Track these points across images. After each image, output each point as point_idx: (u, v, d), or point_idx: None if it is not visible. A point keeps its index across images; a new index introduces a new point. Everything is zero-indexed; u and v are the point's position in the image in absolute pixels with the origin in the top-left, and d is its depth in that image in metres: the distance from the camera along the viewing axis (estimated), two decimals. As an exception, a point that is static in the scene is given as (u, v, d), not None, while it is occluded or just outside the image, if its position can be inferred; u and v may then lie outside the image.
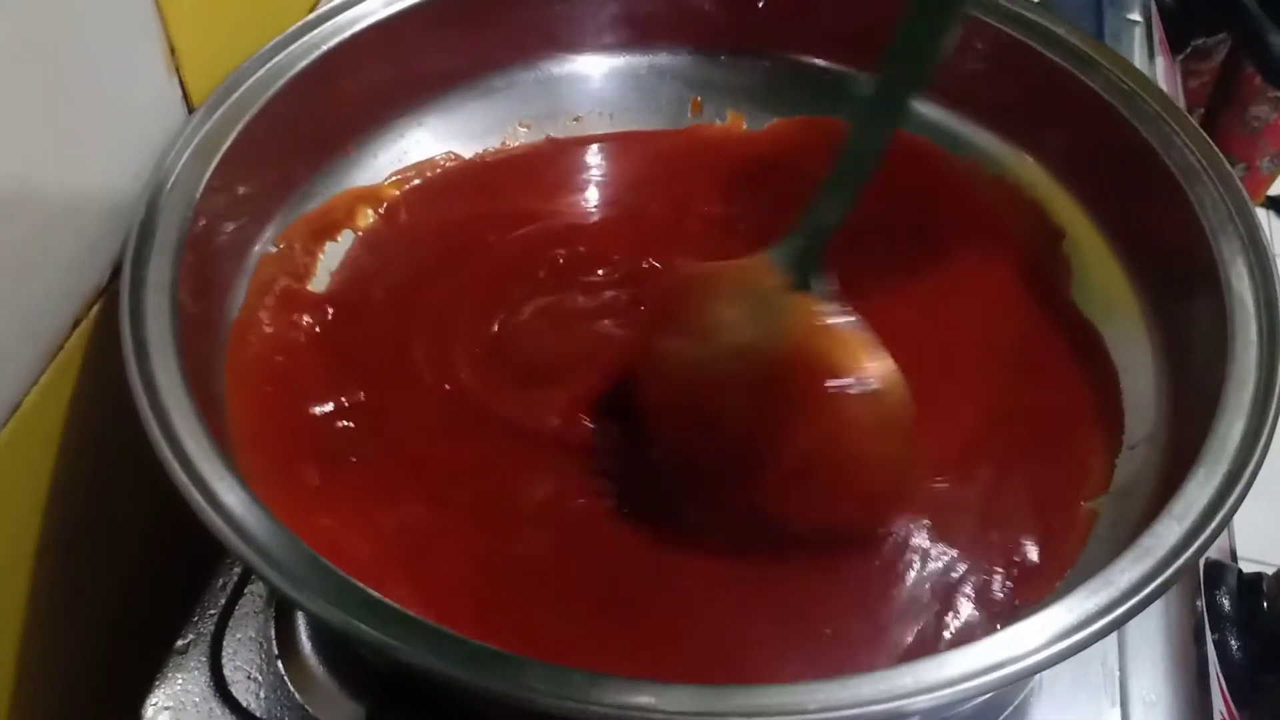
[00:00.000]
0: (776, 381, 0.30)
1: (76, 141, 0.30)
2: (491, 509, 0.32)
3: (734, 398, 0.31)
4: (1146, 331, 0.35)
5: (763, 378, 0.30)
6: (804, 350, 0.30)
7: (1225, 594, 0.37)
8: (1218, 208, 0.33)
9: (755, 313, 0.31)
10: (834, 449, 0.30)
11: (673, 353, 0.32)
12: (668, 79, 0.43)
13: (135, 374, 0.27)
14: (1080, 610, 0.24)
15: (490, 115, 0.42)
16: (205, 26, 0.34)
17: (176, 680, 0.31)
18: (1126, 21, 0.56)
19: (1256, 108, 0.90)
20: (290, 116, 0.35)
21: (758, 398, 0.30)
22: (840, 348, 0.30)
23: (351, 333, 0.36)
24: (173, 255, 0.30)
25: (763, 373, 0.30)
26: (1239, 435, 0.28)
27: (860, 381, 0.29)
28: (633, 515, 0.32)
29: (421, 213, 0.40)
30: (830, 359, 0.30)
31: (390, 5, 0.38)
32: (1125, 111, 0.36)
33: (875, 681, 0.23)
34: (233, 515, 0.25)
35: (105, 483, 0.34)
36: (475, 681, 0.23)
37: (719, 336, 0.31)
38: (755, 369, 0.30)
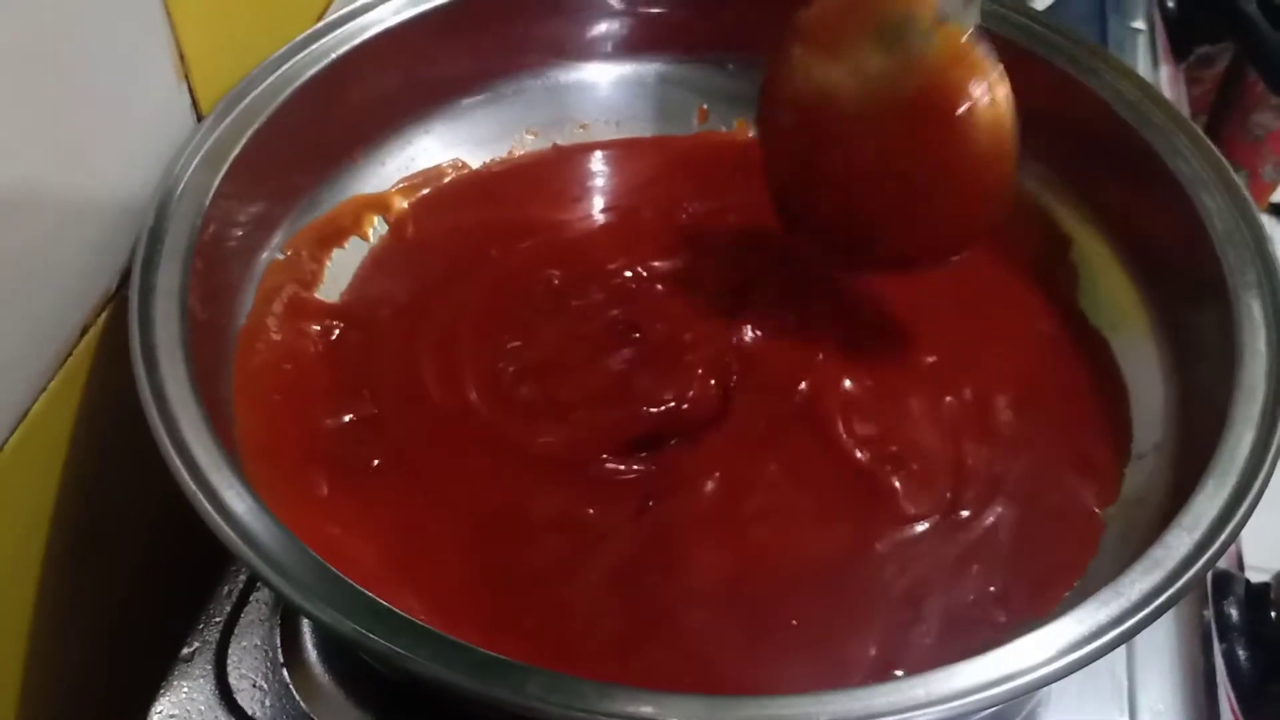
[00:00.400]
0: (912, 102, 0.33)
1: (86, 148, 0.30)
2: (499, 520, 0.32)
3: (870, 107, 0.33)
4: (1154, 340, 0.35)
5: (901, 96, 0.33)
6: (944, 76, 0.32)
7: (1233, 604, 0.37)
8: (1225, 216, 0.33)
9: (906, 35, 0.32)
10: (947, 166, 0.33)
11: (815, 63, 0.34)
12: (674, 87, 0.44)
13: (144, 381, 0.27)
14: (1092, 621, 0.24)
15: (497, 122, 0.42)
16: (214, 34, 0.34)
17: (182, 688, 0.31)
18: (1130, 30, 0.56)
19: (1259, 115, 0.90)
20: (298, 124, 0.35)
21: (892, 112, 0.33)
22: (972, 78, 0.32)
23: (359, 342, 0.36)
24: (182, 262, 0.30)
25: (902, 91, 0.33)
26: (1248, 446, 0.28)
27: (983, 109, 0.32)
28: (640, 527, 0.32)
29: (428, 221, 0.40)
30: (964, 88, 0.32)
31: (398, 13, 0.38)
32: (1131, 120, 0.36)
33: (886, 692, 0.23)
34: (241, 523, 0.25)
35: (112, 489, 0.34)
36: (482, 691, 0.23)
37: (866, 53, 0.33)
38: (897, 87, 0.33)
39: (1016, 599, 0.31)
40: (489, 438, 0.33)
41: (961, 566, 0.31)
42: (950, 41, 0.32)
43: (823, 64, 0.34)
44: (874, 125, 0.34)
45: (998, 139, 0.32)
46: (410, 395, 0.35)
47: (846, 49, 0.34)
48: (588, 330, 0.36)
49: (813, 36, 0.35)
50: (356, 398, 0.34)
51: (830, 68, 0.34)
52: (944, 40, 0.32)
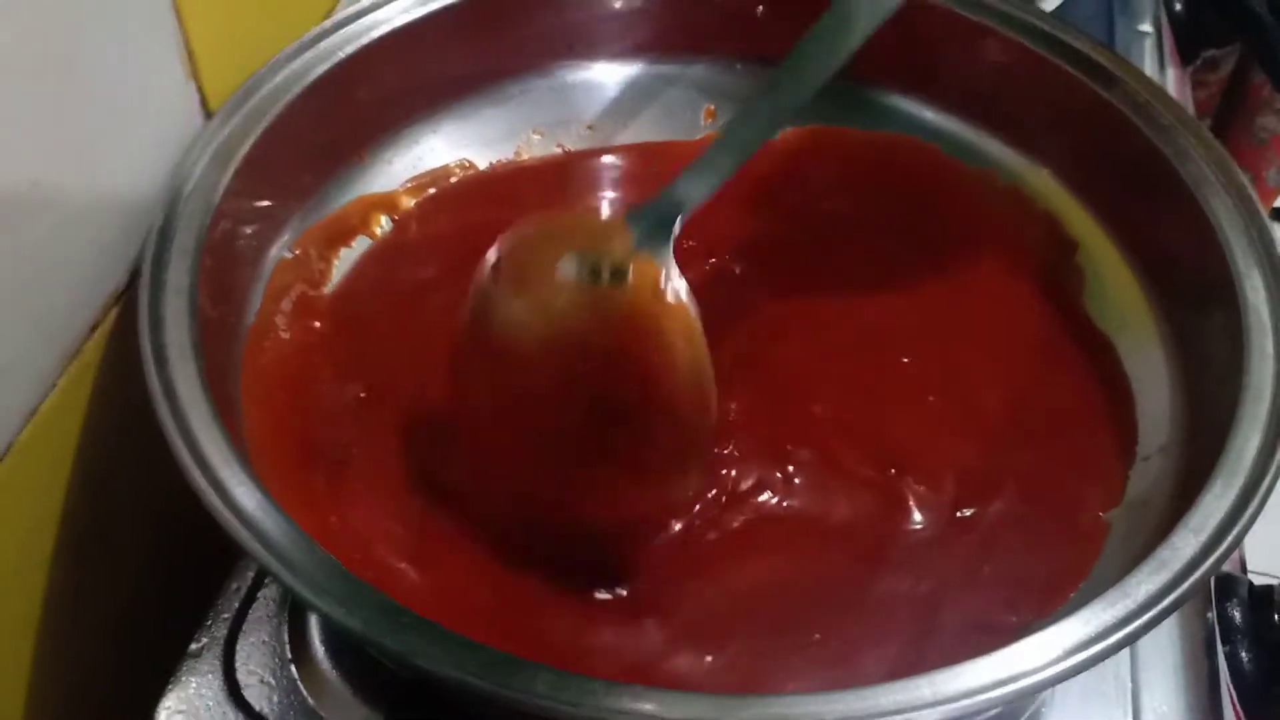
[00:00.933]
0: (602, 342, 0.29)
1: (94, 146, 0.30)
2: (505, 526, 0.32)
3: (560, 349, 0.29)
4: (1160, 343, 0.35)
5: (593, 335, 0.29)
6: (638, 318, 0.29)
7: (1236, 606, 0.37)
8: (1233, 219, 0.33)
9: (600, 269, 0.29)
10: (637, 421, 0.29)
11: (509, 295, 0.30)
12: (681, 87, 0.44)
13: (154, 379, 0.28)
14: (1098, 622, 0.24)
15: (504, 122, 0.42)
16: (223, 32, 0.34)
17: (190, 684, 0.31)
18: (1137, 33, 0.56)
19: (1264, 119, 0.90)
20: (307, 122, 0.35)
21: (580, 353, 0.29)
22: (670, 325, 0.29)
23: (366, 341, 0.36)
24: (191, 260, 0.30)
25: (594, 330, 0.29)
26: (1255, 448, 0.28)
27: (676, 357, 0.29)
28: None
29: (435, 221, 0.40)
30: (657, 332, 0.29)
31: (406, 12, 0.38)
32: (1139, 122, 0.36)
33: (893, 692, 0.23)
34: (251, 519, 0.25)
35: (121, 486, 0.34)
36: (491, 688, 0.23)
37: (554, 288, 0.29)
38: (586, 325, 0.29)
39: (1024, 602, 0.31)
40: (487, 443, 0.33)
41: (969, 570, 0.32)
42: (647, 277, 0.29)
43: (526, 287, 0.30)
44: (568, 368, 0.29)
45: (697, 380, 0.29)
46: (415, 392, 0.35)
47: (537, 285, 0.30)
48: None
49: (514, 260, 0.30)
50: (363, 396, 0.34)
51: (534, 290, 0.30)
52: (639, 274, 0.29)
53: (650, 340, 0.29)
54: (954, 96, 0.41)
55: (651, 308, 0.29)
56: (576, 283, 0.29)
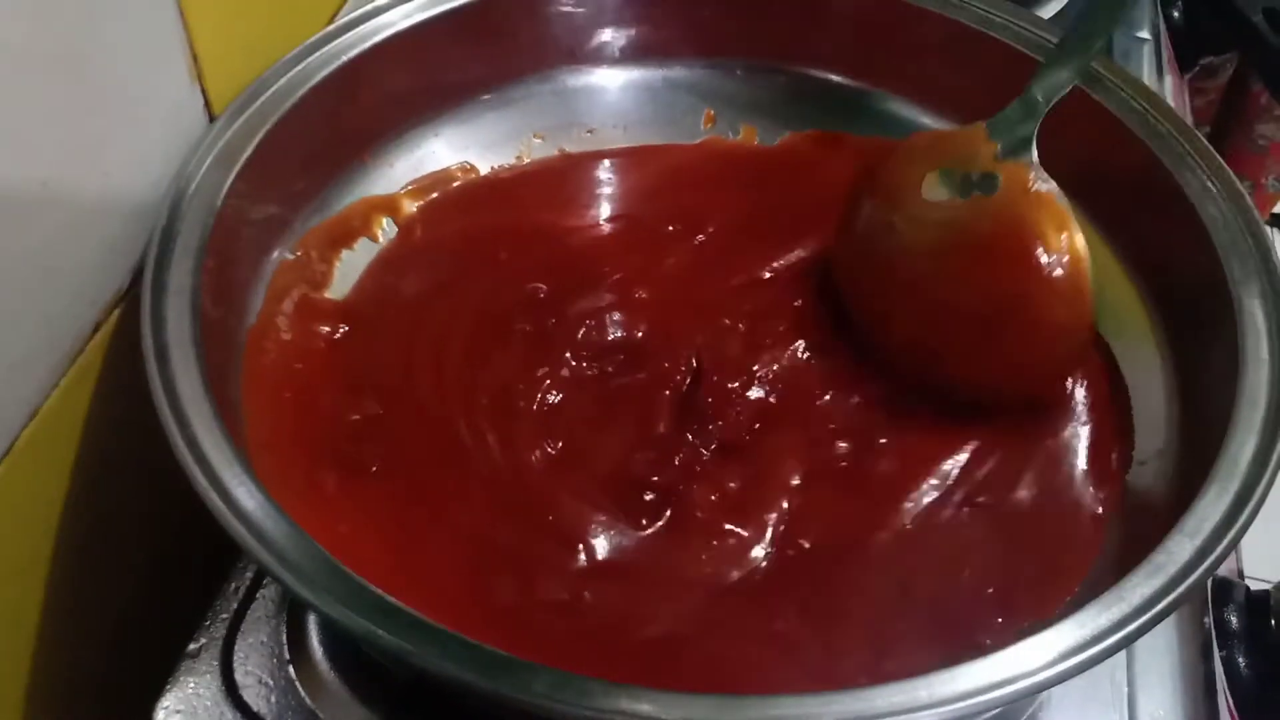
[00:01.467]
0: (984, 245, 0.33)
1: (99, 148, 0.30)
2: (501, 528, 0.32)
3: (942, 257, 0.34)
4: (1157, 348, 0.35)
5: (973, 240, 0.33)
6: (1013, 216, 0.33)
7: (1233, 611, 0.37)
8: (1229, 226, 0.33)
9: (972, 179, 0.33)
10: (1024, 310, 0.33)
11: (882, 214, 0.35)
12: (682, 92, 0.44)
13: (156, 379, 0.28)
14: (1093, 625, 0.25)
15: (505, 126, 0.42)
16: (228, 36, 0.35)
17: (188, 684, 0.31)
18: (1135, 40, 0.56)
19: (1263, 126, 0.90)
20: (309, 125, 0.36)
21: (963, 259, 0.33)
22: (1045, 218, 0.32)
23: (367, 344, 0.36)
24: (194, 261, 0.31)
25: (974, 236, 0.33)
26: (1251, 453, 0.28)
27: (1056, 248, 0.32)
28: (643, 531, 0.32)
29: (436, 224, 0.40)
30: (1036, 227, 0.32)
31: (409, 17, 0.38)
32: (1137, 130, 0.36)
33: (890, 694, 0.23)
34: (251, 519, 0.25)
35: (121, 486, 0.34)
36: (489, 688, 0.23)
37: (932, 200, 0.34)
38: (968, 233, 0.33)
39: (1016, 604, 0.31)
40: (484, 450, 0.33)
41: (961, 571, 0.32)
42: (1018, 179, 0.33)
43: (898, 205, 0.35)
44: (951, 260, 0.34)
45: (1074, 276, 0.32)
46: (415, 395, 0.35)
47: (915, 194, 0.34)
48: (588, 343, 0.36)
49: (884, 184, 0.36)
50: (363, 399, 0.34)
51: (906, 208, 0.35)
52: (1010, 179, 0.33)
53: (1029, 234, 0.32)
54: (951, 102, 0.42)
55: (1024, 207, 0.32)
56: (954, 194, 0.33)
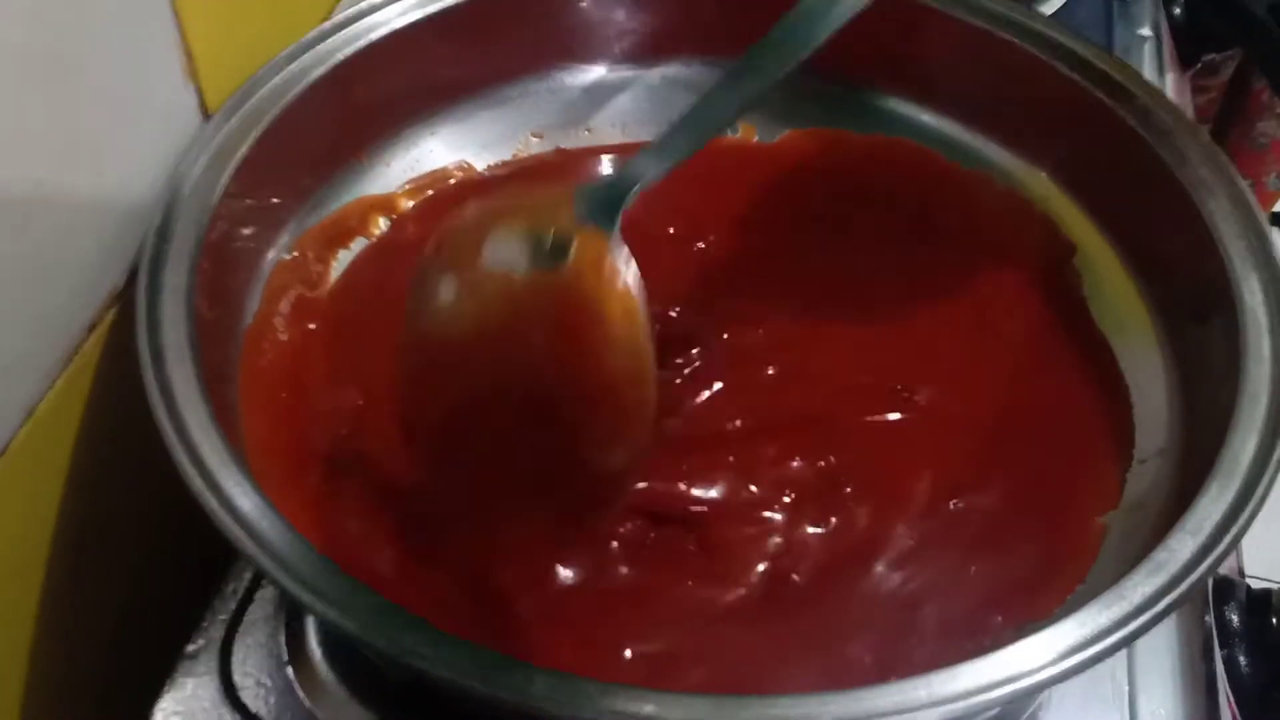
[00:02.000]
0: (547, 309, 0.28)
1: (93, 147, 0.30)
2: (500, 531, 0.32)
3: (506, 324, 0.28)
4: (1158, 346, 0.35)
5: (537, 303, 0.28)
6: (580, 286, 0.28)
7: (1234, 610, 0.37)
8: (1230, 223, 0.33)
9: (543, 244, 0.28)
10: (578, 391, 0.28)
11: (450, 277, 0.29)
12: (680, 90, 0.44)
13: (152, 379, 0.28)
14: (1094, 624, 0.24)
15: (503, 125, 0.42)
16: (222, 34, 0.35)
17: (186, 686, 0.31)
18: (1137, 36, 0.56)
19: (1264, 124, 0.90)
20: (305, 124, 0.35)
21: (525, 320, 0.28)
22: (612, 293, 0.28)
23: (364, 344, 0.36)
24: (189, 261, 0.30)
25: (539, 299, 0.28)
26: (1252, 451, 0.28)
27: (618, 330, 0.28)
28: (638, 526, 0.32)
29: (432, 224, 0.40)
30: (598, 310, 0.28)
31: (405, 15, 0.38)
32: (1138, 126, 0.36)
33: (889, 693, 0.23)
34: (248, 521, 0.25)
35: (117, 487, 0.34)
36: (488, 690, 0.23)
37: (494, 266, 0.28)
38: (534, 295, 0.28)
39: (1014, 603, 0.31)
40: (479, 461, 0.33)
41: (959, 570, 0.32)
42: (591, 249, 0.28)
43: (458, 266, 0.29)
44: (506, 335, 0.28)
45: (637, 355, 0.28)
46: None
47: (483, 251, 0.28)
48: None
49: (450, 242, 0.30)
50: (360, 399, 0.34)
51: (466, 270, 0.29)
52: (583, 247, 0.28)
53: (590, 319, 0.28)
54: (952, 100, 0.42)
55: (593, 285, 0.28)
56: (518, 259, 0.28)
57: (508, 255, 0.28)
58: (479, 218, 0.30)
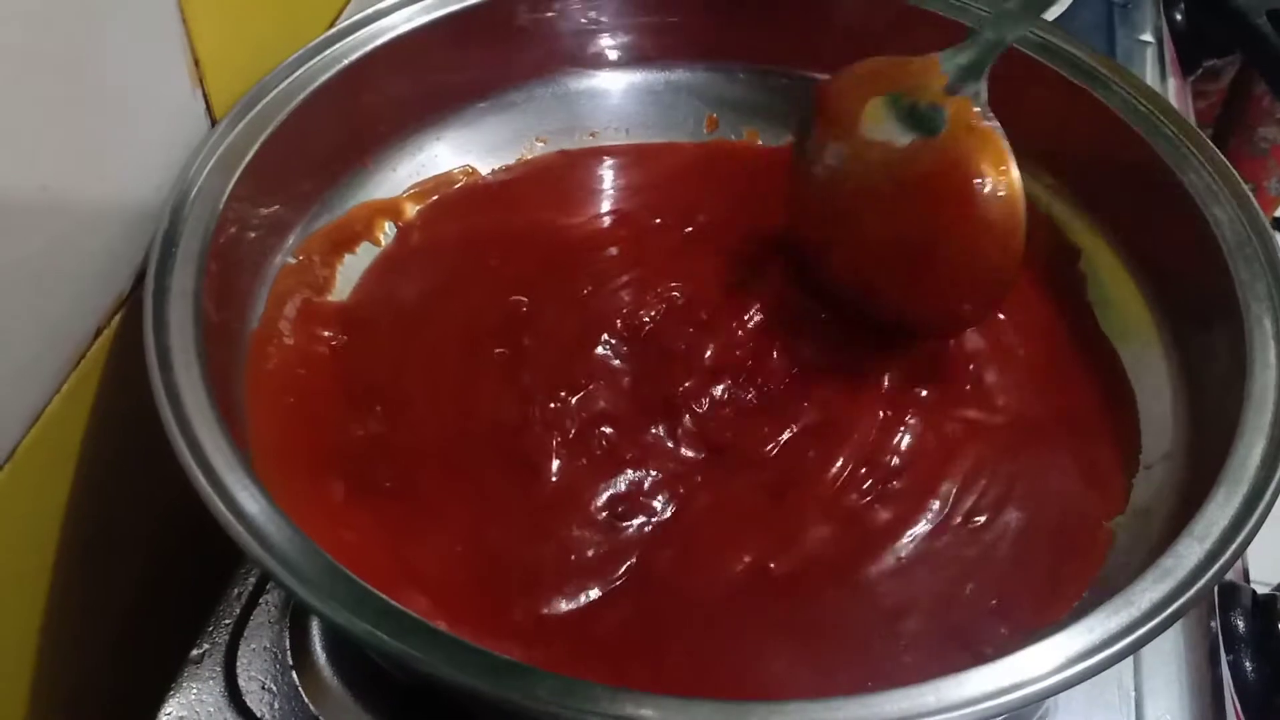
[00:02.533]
0: (927, 174, 0.33)
1: (101, 152, 0.30)
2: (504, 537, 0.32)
3: (886, 178, 0.34)
4: (1163, 351, 0.35)
5: (917, 168, 0.33)
6: (954, 153, 0.33)
7: (1240, 615, 0.37)
8: (1235, 229, 0.33)
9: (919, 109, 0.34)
10: (958, 245, 0.33)
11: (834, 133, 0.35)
12: (684, 95, 0.44)
13: (159, 383, 0.28)
14: (1102, 630, 0.24)
15: (508, 130, 0.42)
16: (229, 40, 0.35)
17: (191, 690, 0.31)
18: (1138, 42, 0.56)
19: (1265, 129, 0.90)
20: (311, 129, 0.36)
21: (902, 191, 0.34)
22: (985, 155, 0.32)
23: (369, 349, 0.36)
24: (196, 265, 0.30)
25: (918, 163, 0.33)
26: (1259, 456, 0.28)
27: (994, 184, 0.32)
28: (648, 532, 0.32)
29: (438, 228, 0.40)
30: (975, 164, 0.32)
31: (411, 21, 0.38)
32: (1142, 132, 0.36)
33: (897, 699, 0.23)
34: (254, 524, 0.25)
35: (123, 490, 0.34)
36: (494, 693, 0.23)
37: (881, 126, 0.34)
38: (912, 159, 0.33)
39: (1021, 610, 0.31)
40: (485, 461, 0.33)
41: (966, 577, 0.31)
42: (962, 115, 0.33)
43: (841, 134, 0.35)
44: (889, 196, 0.34)
45: (1009, 213, 0.32)
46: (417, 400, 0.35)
47: (862, 121, 0.34)
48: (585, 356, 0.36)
49: (830, 108, 0.36)
50: (364, 405, 0.34)
51: (847, 139, 0.35)
52: (955, 113, 0.33)
53: (968, 171, 0.32)
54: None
55: (967, 145, 0.33)
56: (896, 130, 0.34)
57: (888, 124, 0.34)
58: (855, 85, 0.35)
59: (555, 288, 0.38)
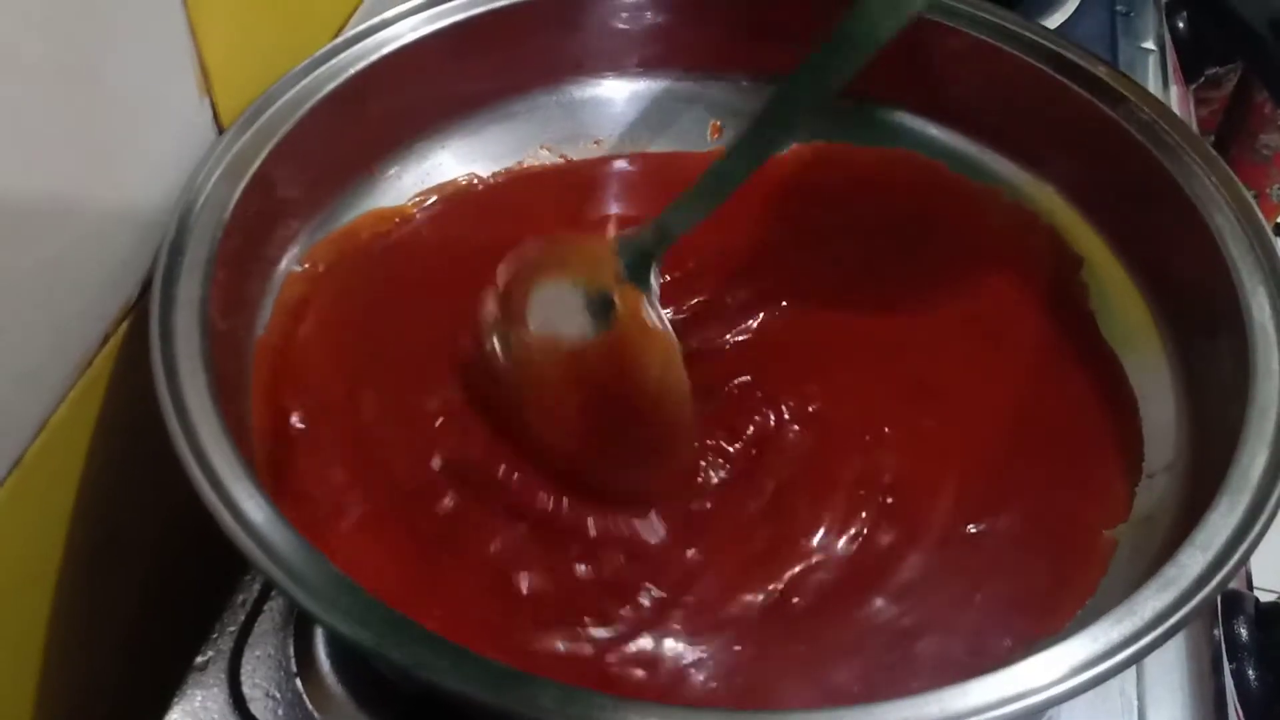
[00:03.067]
0: (596, 366, 0.33)
1: (108, 160, 0.31)
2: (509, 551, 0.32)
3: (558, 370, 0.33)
4: (1166, 359, 0.35)
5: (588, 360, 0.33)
6: (626, 343, 0.32)
7: (1243, 624, 0.37)
8: (1238, 236, 0.33)
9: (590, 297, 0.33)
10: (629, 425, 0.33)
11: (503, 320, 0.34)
12: (688, 103, 0.44)
13: (165, 391, 0.28)
14: (1104, 640, 0.24)
15: (512, 138, 0.42)
16: (237, 49, 0.35)
17: (195, 697, 0.31)
18: (1141, 50, 0.57)
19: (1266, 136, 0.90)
20: (318, 138, 0.36)
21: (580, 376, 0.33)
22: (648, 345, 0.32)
23: (374, 356, 0.36)
24: (202, 273, 0.31)
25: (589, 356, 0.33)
26: (1262, 465, 0.28)
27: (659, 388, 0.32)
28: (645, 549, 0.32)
29: (442, 236, 0.40)
30: (639, 354, 0.32)
31: (417, 30, 0.38)
32: (1144, 139, 0.36)
33: (900, 709, 0.23)
34: (259, 532, 0.25)
35: (128, 498, 0.34)
36: (498, 702, 0.23)
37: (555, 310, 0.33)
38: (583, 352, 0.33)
39: (1024, 619, 0.31)
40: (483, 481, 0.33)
41: (974, 587, 0.31)
42: (631, 305, 0.32)
43: (514, 319, 0.34)
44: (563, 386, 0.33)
45: (675, 408, 0.32)
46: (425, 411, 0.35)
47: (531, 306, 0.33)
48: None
49: (506, 291, 0.34)
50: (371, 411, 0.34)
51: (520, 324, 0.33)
52: (623, 301, 0.32)
53: (633, 361, 0.32)
54: (959, 113, 0.42)
55: (633, 332, 0.32)
56: (567, 321, 0.33)
57: (558, 314, 0.33)
58: (533, 267, 0.34)
59: None
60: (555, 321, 0.33)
